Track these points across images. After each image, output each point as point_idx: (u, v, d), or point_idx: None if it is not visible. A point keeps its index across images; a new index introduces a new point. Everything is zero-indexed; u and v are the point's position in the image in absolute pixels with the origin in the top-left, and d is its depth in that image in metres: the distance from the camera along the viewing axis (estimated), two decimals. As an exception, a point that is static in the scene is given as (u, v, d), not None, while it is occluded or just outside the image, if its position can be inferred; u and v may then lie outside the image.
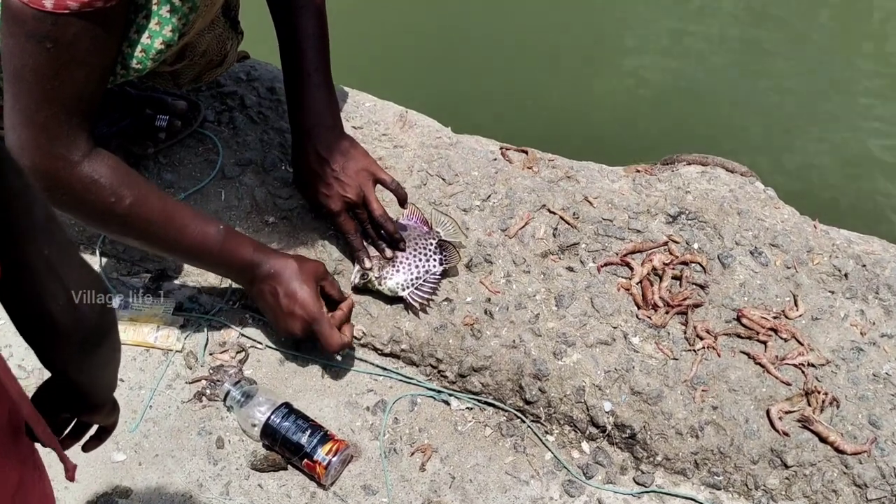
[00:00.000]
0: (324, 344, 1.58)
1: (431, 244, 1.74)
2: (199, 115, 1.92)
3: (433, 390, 1.68)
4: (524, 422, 1.65)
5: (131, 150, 1.82)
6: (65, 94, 1.30)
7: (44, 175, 1.33)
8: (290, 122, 1.71)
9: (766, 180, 2.04)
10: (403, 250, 1.73)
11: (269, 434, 1.54)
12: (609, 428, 1.62)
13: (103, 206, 1.39)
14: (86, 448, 1.12)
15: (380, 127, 2.00)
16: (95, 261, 1.77)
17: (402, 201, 1.72)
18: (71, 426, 1.08)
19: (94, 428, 1.11)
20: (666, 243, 1.83)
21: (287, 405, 1.57)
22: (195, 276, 1.76)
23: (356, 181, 1.67)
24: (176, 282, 1.76)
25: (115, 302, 1.70)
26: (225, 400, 1.60)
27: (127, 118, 1.83)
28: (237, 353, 1.68)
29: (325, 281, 1.62)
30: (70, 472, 0.94)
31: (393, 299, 1.72)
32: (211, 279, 1.75)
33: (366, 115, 2.02)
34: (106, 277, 1.75)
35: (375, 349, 1.71)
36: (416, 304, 1.69)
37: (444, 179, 1.90)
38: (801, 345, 1.70)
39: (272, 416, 1.54)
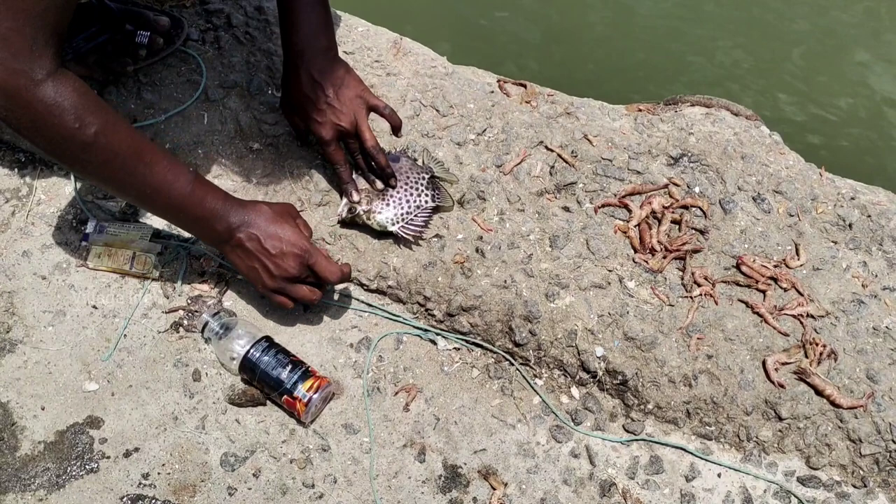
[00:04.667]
0: (324, 276, 1.48)
1: (423, 178, 1.66)
2: (183, 32, 1.82)
3: (420, 329, 1.62)
4: (513, 364, 1.60)
5: (110, 67, 1.73)
6: (32, 5, 1.19)
7: (2, 92, 1.22)
8: (283, 43, 1.62)
9: (771, 126, 1.97)
10: (394, 187, 1.66)
11: (248, 368, 1.48)
12: (600, 373, 1.57)
13: (66, 131, 1.25)
14: None
15: (372, 53, 1.90)
16: (69, 182, 1.69)
17: (397, 129, 1.64)
18: None
19: None
20: (666, 186, 1.76)
21: (267, 339, 1.51)
22: (175, 202, 1.68)
23: (350, 109, 1.59)
24: (154, 207, 1.69)
25: (90, 226, 1.62)
26: (203, 331, 1.54)
27: (106, 33, 1.73)
28: (217, 283, 1.62)
29: (298, 220, 1.53)
30: None
31: (380, 234, 1.65)
32: (191, 206, 1.67)
33: (358, 41, 1.93)
34: (81, 200, 1.67)
35: (361, 284, 1.64)
36: (409, 237, 1.63)
37: (438, 111, 1.82)
38: (801, 295, 1.65)
39: (252, 350, 1.48)
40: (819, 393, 1.55)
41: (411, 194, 1.65)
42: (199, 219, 1.43)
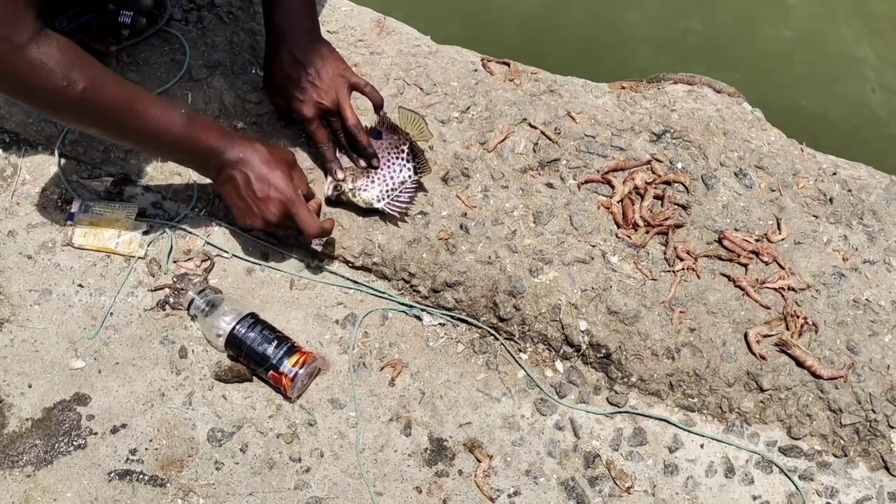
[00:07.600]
0: (303, 228, 1.51)
1: (404, 151, 1.66)
2: (166, 12, 1.82)
3: (405, 305, 1.63)
4: (497, 339, 1.61)
5: (92, 48, 1.72)
6: None
7: None
8: (265, 23, 1.62)
9: (753, 102, 1.98)
10: (376, 167, 1.66)
11: (234, 344, 1.49)
12: (584, 347, 1.58)
13: (54, 91, 1.29)
14: None
15: (356, 32, 1.91)
16: (54, 162, 1.69)
17: (379, 106, 1.65)
18: None
19: None
20: (649, 162, 1.77)
21: (253, 315, 1.51)
22: (160, 181, 1.68)
23: (332, 87, 1.60)
24: (139, 186, 1.69)
25: (75, 206, 1.63)
26: (189, 309, 1.54)
27: (89, 13, 1.73)
28: (202, 261, 1.62)
29: (294, 170, 1.55)
30: None
31: (366, 211, 1.66)
32: (176, 184, 1.68)
33: (341, 20, 1.93)
34: (66, 180, 1.67)
35: (346, 261, 1.65)
36: (395, 214, 1.64)
37: (421, 89, 1.82)
38: (783, 269, 1.67)
39: (237, 326, 1.49)
40: (800, 364, 1.57)
41: (394, 170, 1.66)
42: (194, 156, 1.50)
